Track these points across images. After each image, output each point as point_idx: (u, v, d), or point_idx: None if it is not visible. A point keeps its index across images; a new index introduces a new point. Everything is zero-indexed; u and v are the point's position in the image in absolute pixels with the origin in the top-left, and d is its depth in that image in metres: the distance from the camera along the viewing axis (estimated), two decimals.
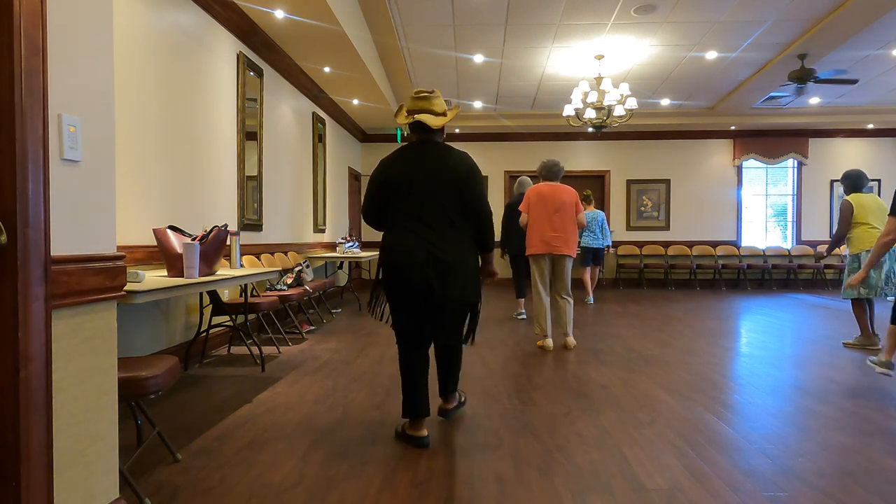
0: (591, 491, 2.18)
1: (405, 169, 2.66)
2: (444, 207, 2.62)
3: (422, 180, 2.63)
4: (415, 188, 2.62)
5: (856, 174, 5.11)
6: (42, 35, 1.48)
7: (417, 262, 2.56)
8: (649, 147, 11.06)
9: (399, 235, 2.63)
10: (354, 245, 8.18)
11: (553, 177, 4.94)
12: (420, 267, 2.56)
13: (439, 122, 2.72)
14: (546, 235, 4.77)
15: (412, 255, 2.57)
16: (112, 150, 1.79)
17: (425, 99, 2.73)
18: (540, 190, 4.87)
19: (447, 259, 2.58)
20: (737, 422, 3.00)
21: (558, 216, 4.77)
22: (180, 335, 4.35)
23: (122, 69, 3.57)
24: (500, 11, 6.03)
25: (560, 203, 4.79)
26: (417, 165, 2.66)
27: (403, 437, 2.71)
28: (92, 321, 1.70)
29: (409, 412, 2.70)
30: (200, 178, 4.66)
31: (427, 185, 2.62)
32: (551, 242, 4.76)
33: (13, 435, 1.43)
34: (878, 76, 8.15)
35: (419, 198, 2.62)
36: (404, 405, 2.72)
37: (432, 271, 2.57)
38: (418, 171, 2.64)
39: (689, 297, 9.15)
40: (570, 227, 4.81)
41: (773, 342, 5.30)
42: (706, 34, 6.68)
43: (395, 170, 2.68)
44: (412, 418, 2.70)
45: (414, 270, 2.56)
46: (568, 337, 4.91)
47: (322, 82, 7.33)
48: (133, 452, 2.34)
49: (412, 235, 2.60)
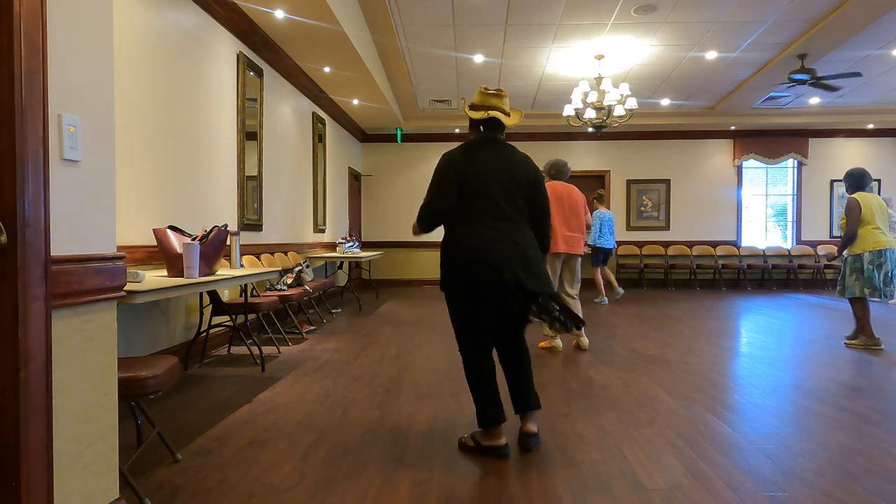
0: (591, 491, 2.17)
1: (481, 166, 2.57)
2: (519, 207, 2.58)
3: (497, 178, 2.55)
4: (492, 186, 2.53)
5: (860, 172, 5.09)
6: (42, 35, 1.48)
7: (506, 259, 2.46)
8: (649, 147, 11.06)
9: (481, 233, 2.51)
10: (354, 245, 8.18)
11: (563, 177, 4.97)
12: (509, 263, 2.45)
13: (511, 121, 2.68)
14: (564, 235, 4.80)
15: (499, 251, 2.47)
16: (112, 150, 1.79)
17: (498, 96, 2.67)
18: (556, 189, 4.83)
19: (532, 255, 2.53)
20: (737, 422, 2.99)
21: (573, 216, 4.84)
22: (180, 335, 4.35)
23: (122, 69, 3.57)
24: (500, 11, 6.03)
25: (574, 204, 4.85)
26: (493, 164, 2.58)
27: (478, 450, 2.53)
28: (92, 321, 1.70)
29: (488, 420, 2.52)
30: (200, 178, 4.66)
31: (503, 183, 2.55)
32: (568, 243, 4.82)
33: (13, 435, 1.43)
34: (878, 76, 8.15)
35: (498, 196, 2.53)
36: (480, 414, 2.54)
37: (521, 268, 2.47)
38: (494, 169, 2.56)
39: (689, 297, 9.15)
40: (582, 227, 4.90)
41: (773, 342, 5.30)
42: (706, 34, 6.67)
43: (470, 167, 2.57)
44: (491, 426, 2.52)
45: (504, 267, 2.45)
46: (581, 337, 4.90)
47: (322, 82, 7.33)
48: (133, 452, 2.34)
49: (496, 233, 2.50)
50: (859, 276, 4.87)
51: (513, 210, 2.57)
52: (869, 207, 4.89)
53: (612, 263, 10.94)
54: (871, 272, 4.80)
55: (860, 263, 4.87)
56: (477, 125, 2.69)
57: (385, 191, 11.20)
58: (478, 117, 2.65)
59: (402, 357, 4.59)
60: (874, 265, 4.81)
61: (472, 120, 2.69)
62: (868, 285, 4.81)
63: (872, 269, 4.81)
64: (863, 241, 4.87)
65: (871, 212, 4.88)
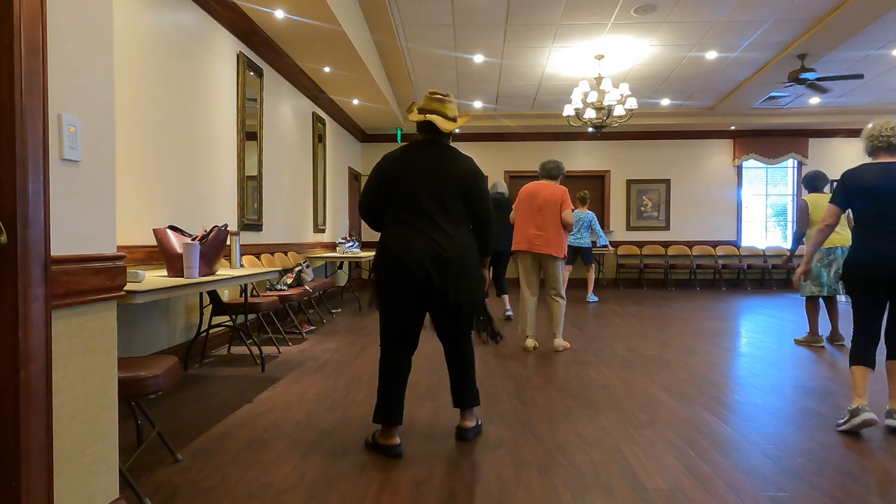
0: (591, 491, 2.17)
1: (409, 166, 2.63)
2: (447, 207, 2.60)
3: (426, 179, 2.59)
4: (418, 186, 2.59)
5: (813, 175, 5.28)
6: (42, 35, 1.48)
7: (419, 257, 2.51)
8: (649, 147, 11.06)
9: (400, 230, 2.58)
10: (354, 245, 8.18)
11: (547, 175, 4.89)
12: (421, 261, 2.51)
13: (449, 126, 2.70)
14: (528, 233, 4.76)
15: (413, 248, 2.52)
16: (112, 150, 1.79)
17: (439, 101, 2.72)
18: (528, 189, 4.86)
19: (449, 256, 2.55)
20: (737, 422, 3.00)
21: (540, 215, 4.72)
22: (180, 335, 4.35)
23: (122, 69, 3.57)
24: (500, 11, 6.03)
25: (542, 202, 4.73)
26: (422, 164, 2.63)
27: (375, 447, 2.59)
28: (92, 321, 1.70)
29: (383, 417, 2.57)
30: (200, 178, 4.66)
31: (431, 184, 2.59)
32: (533, 241, 4.74)
33: (13, 435, 1.43)
34: (878, 76, 8.15)
35: (422, 196, 2.58)
36: (378, 410, 2.59)
37: (434, 267, 2.52)
38: (423, 170, 2.61)
39: (689, 297, 9.15)
40: (552, 226, 4.70)
41: (773, 342, 5.30)
42: (706, 34, 6.67)
43: (398, 166, 2.64)
44: (386, 425, 2.58)
45: (415, 264, 2.51)
46: (556, 339, 4.85)
47: (322, 82, 7.33)
48: (133, 452, 2.34)
49: (414, 231, 2.56)
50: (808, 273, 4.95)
51: (440, 211, 2.59)
52: (819, 207, 5.02)
53: (612, 263, 10.96)
54: (819, 269, 4.94)
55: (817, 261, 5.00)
56: (417, 127, 2.77)
57: None
58: (415, 120, 2.72)
59: None
60: (822, 263, 4.94)
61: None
62: (816, 283, 4.96)
63: (820, 267, 4.94)
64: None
65: (821, 211, 4.99)
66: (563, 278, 4.91)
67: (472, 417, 2.78)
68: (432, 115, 2.68)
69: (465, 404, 2.75)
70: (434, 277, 2.53)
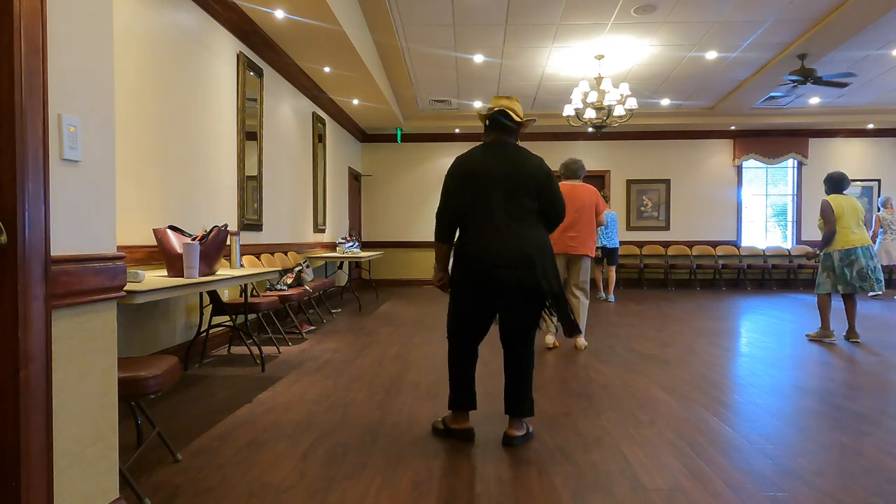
0: (591, 491, 2.17)
1: (485, 168, 2.63)
2: (522, 206, 2.61)
3: (502, 178, 2.60)
4: (495, 185, 2.60)
5: (839, 176, 5.39)
6: (42, 35, 1.48)
7: (507, 261, 2.53)
8: (649, 147, 11.06)
9: (483, 235, 2.58)
10: (354, 245, 8.18)
11: (572, 175, 4.95)
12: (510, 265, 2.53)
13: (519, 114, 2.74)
14: (564, 236, 4.75)
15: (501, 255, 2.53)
16: (112, 150, 1.79)
17: (509, 99, 2.76)
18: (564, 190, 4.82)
19: (536, 254, 2.57)
20: (737, 422, 2.99)
21: (577, 216, 4.75)
22: (180, 335, 4.35)
23: (122, 69, 3.57)
24: (500, 11, 6.03)
25: (580, 204, 4.78)
26: (497, 164, 2.63)
27: (446, 432, 2.72)
28: (92, 321, 1.70)
29: (459, 403, 2.70)
30: (200, 178, 4.66)
31: (507, 183, 2.60)
32: (568, 243, 4.77)
33: (13, 435, 1.43)
34: (878, 76, 8.15)
35: (500, 195, 2.59)
36: (453, 397, 2.72)
37: (523, 269, 2.54)
38: (499, 169, 2.62)
39: (689, 297, 9.15)
40: (589, 227, 4.82)
41: (773, 342, 5.30)
42: (706, 34, 6.67)
43: (474, 169, 2.64)
44: (460, 410, 2.71)
45: (503, 271, 2.53)
46: (579, 337, 4.88)
47: (322, 82, 7.33)
48: (133, 452, 2.34)
49: (498, 235, 2.56)
50: (830, 273, 5.21)
51: (519, 210, 2.61)
52: (840, 208, 5.18)
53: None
54: (842, 269, 5.11)
55: (831, 262, 5.18)
56: (484, 123, 2.79)
57: (385, 191, 11.20)
58: (488, 114, 2.75)
59: (402, 357, 4.59)
60: (845, 263, 5.11)
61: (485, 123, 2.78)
62: (840, 282, 5.13)
63: (843, 267, 5.12)
64: (833, 241, 5.18)
65: (842, 212, 5.17)
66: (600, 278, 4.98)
67: (520, 426, 2.70)
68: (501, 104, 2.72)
69: (515, 412, 2.69)
70: (524, 279, 2.54)
